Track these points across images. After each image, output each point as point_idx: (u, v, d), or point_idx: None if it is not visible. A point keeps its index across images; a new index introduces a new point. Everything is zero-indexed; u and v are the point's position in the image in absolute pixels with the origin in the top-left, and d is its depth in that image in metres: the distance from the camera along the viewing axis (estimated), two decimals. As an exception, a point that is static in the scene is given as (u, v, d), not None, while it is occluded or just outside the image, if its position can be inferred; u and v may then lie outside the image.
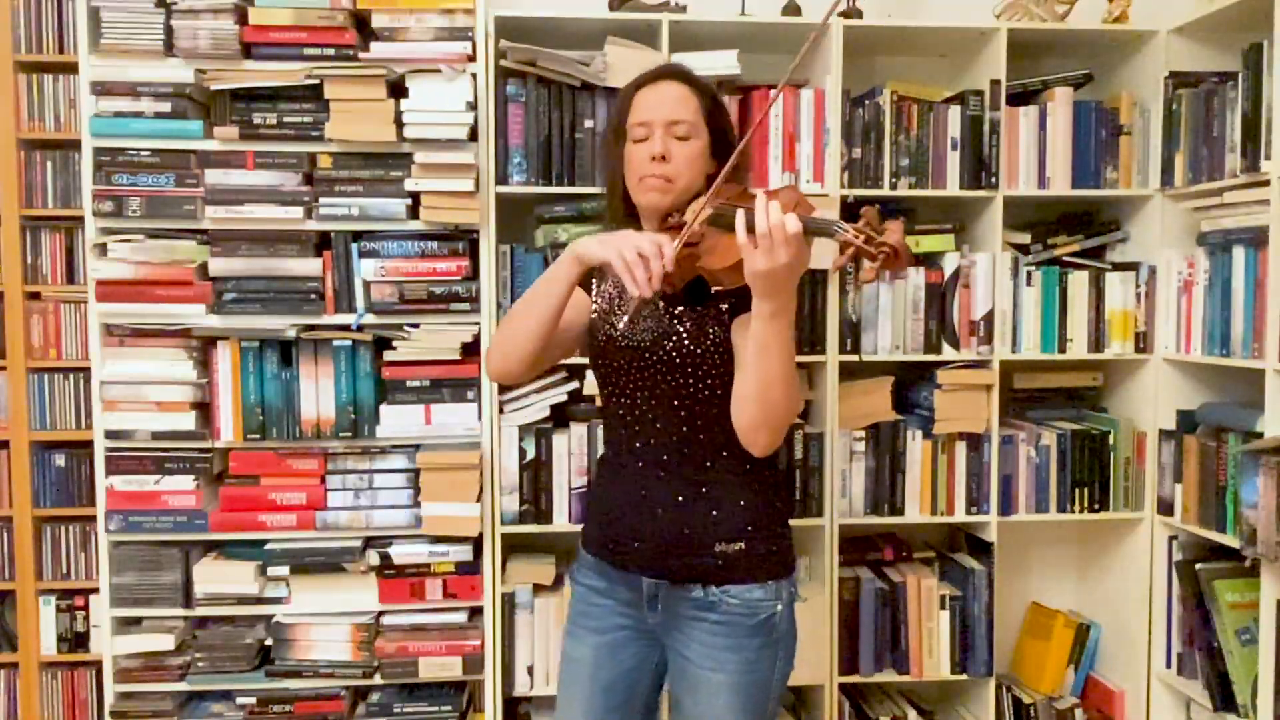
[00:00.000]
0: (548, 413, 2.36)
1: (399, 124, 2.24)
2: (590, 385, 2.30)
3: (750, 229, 1.37)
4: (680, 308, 1.61)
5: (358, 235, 2.30)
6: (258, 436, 2.30)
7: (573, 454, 2.37)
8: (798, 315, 2.39)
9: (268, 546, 2.30)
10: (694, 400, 1.60)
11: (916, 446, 2.48)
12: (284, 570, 2.29)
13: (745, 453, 1.55)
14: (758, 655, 1.59)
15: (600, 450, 1.89)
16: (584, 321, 1.73)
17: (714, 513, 1.59)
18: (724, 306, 1.60)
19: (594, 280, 1.74)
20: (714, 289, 1.58)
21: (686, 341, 1.58)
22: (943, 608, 2.49)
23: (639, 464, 1.63)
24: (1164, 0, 2.53)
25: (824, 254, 1.48)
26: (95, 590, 2.45)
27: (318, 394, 2.30)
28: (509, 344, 1.66)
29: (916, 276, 2.46)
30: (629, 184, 1.65)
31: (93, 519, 2.40)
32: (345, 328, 2.30)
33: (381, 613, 2.34)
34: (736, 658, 1.58)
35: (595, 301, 1.73)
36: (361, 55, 2.25)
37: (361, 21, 2.29)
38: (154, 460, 2.28)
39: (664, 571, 1.61)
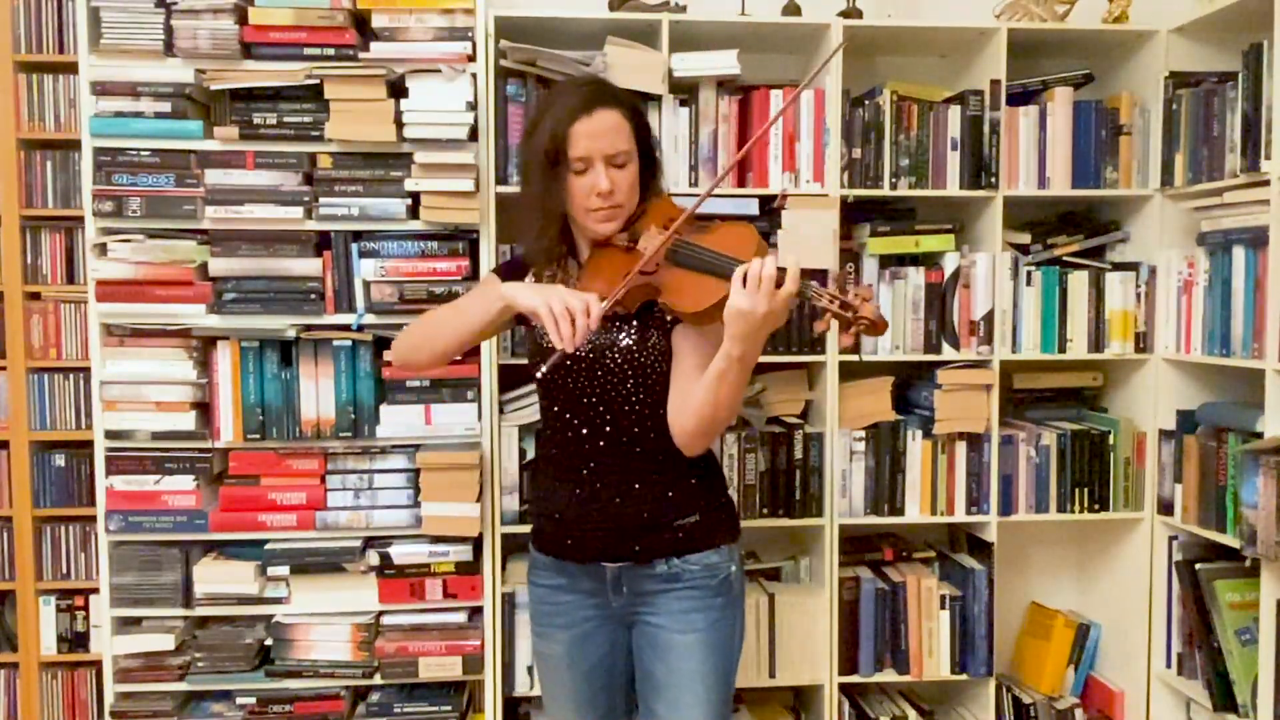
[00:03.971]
0: (548, 413, 2.36)
1: (399, 124, 2.24)
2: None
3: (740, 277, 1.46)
4: (620, 319, 1.66)
5: (358, 235, 2.30)
6: (258, 436, 2.30)
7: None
8: (797, 314, 2.40)
9: (268, 546, 2.30)
10: (640, 403, 1.68)
11: (916, 446, 2.48)
12: (284, 570, 2.29)
13: None
14: (721, 614, 1.70)
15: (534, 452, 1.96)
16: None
17: (669, 494, 1.69)
18: (668, 316, 1.66)
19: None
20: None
21: (632, 349, 1.65)
22: (943, 608, 2.49)
23: (590, 464, 1.69)
24: (1164, 0, 2.53)
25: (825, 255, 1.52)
26: (95, 590, 2.45)
27: (318, 394, 2.30)
28: (424, 341, 1.76)
29: (916, 276, 2.46)
30: (572, 212, 1.68)
31: (93, 519, 2.40)
32: (345, 328, 2.30)
33: (381, 613, 2.34)
34: (704, 617, 1.69)
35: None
36: (361, 55, 2.24)
37: (361, 21, 2.29)
38: (154, 460, 2.27)
39: (628, 554, 1.69)
